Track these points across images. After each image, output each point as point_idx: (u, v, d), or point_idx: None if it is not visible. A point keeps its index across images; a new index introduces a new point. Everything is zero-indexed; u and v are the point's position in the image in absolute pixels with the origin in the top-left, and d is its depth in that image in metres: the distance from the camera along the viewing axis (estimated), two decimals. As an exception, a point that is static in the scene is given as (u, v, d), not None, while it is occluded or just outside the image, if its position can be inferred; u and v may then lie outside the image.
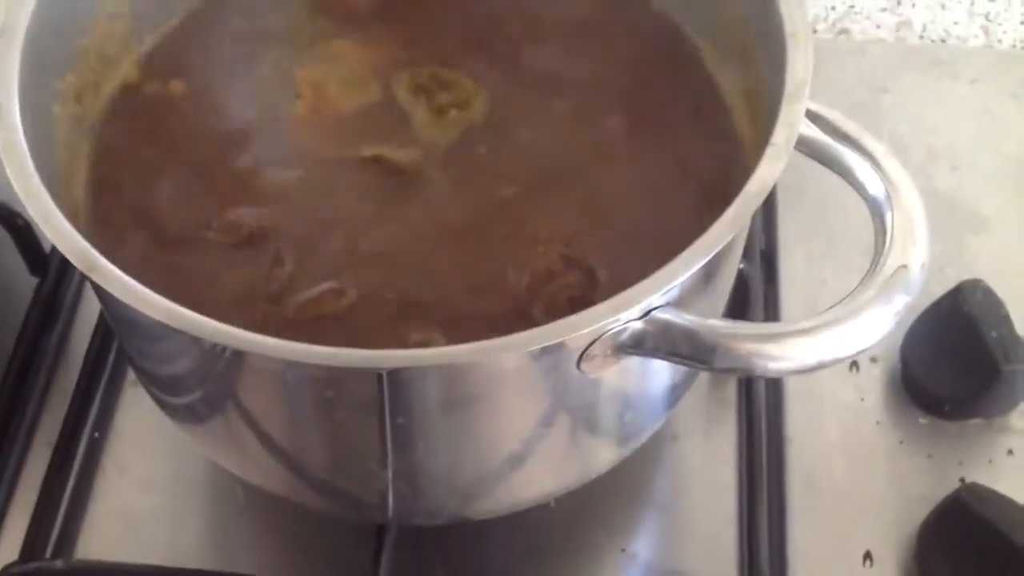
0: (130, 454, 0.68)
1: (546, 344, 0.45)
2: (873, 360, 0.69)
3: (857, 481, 0.65)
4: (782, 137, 0.48)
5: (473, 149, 0.58)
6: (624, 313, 0.45)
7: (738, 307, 0.67)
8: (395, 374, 0.46)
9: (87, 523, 0.66)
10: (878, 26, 0.88)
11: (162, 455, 0.67)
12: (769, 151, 0.48)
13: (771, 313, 0.71)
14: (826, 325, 0.46)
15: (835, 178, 0.53)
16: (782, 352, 0.46)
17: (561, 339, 0.45)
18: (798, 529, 0.64)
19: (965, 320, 0.64)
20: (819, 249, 0.74)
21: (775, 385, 0.68)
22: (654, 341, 0.47)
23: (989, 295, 0.65)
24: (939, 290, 0.68)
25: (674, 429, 0.68)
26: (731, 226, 0.46)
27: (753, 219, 0.71)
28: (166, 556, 0.63)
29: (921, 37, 0.88)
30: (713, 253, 0.46)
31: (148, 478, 0.67)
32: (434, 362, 0.45)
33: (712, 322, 0.47)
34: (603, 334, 0.46)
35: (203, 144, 0.59)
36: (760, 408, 0.67)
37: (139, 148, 0.58)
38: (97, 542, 0.65)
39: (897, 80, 0.82)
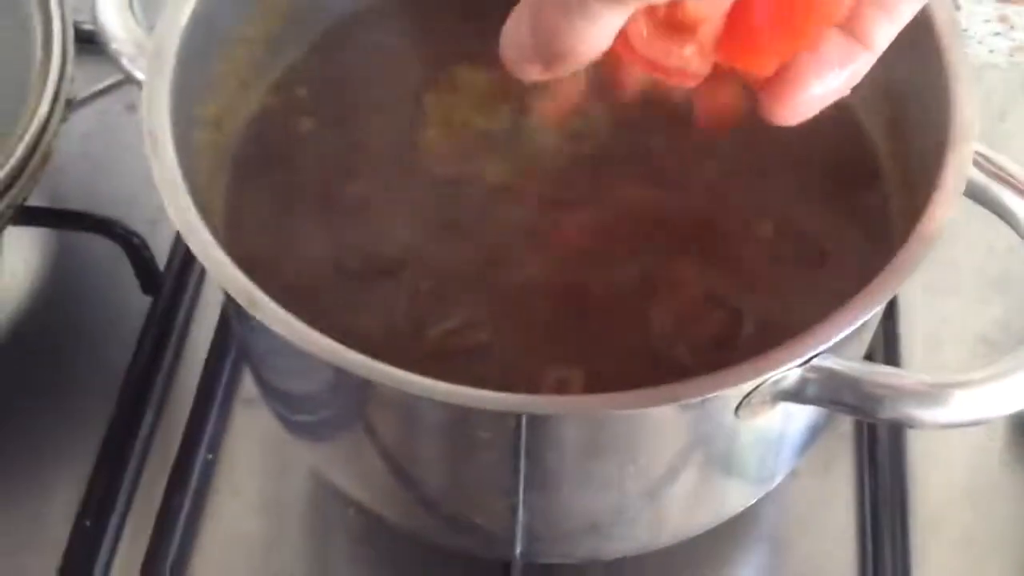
0: (242, 477, 0.67)
1: (709, 396, 0.44)
2: (999, 397, 0.68)
3: (983, 525, 0.64)
4: (951, 180, 0.47)
5: (614, 182, 0.57)
6: (791, 363, 0.44)
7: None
8: (535, 419, 0.45)
9: (200, 546, 0.65)
10: (991, 51, 0.86)
11: (275, 477, 0.67)
12: (937, 197, 0.47)
13: (891, 345, 0.70)
14: (996, 377, 0.45)
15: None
16: (949, 405, 0.45)
17: (726, 390, 0.44)
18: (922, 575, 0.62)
19: (1101, 361, 0.63)
20: (940, 280, 0.73)
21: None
22: (816, 389, 0.45)
23: None
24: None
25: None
26: (900, 275, 0.45)
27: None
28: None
29: (1036, 64, 0.86)
30: (883, 304, 0.45)
31: (260, 501, 0.67)
32: (579, 411, 0.44)
33: (877, 369, 0.46)
34: (764, 381, 0.45)
35: (334, 172, 0.58)
36: (883, 446, 0.66)
37: (272, 177, 0.57)
38: (211, 566, 0.65)
39: (1015, 107, 0.80)
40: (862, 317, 0.44)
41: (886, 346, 0.70)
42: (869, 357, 0.68)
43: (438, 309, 0.53)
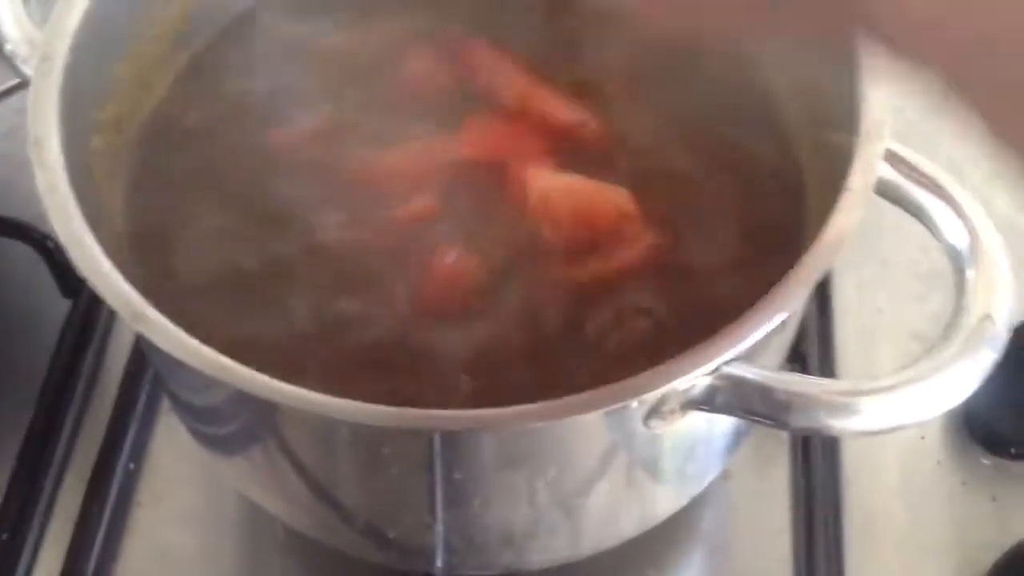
0: (166, 487, 0.66)
1: (613, 407, 0.42)
2: (934, 396, 0.67)
3: (918, 525, 0.63)
4: (859, 180, 0.46)
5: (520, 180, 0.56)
6: (696, 371, 0.43)
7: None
8: (448, 435, 0.44)
9: (122, 558, 0.64)
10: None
11: (199, 488, 0.65)
12: (846, 197, 0.46)
13: (825, 344, 0.69)
14: (908, 383, 0.44)
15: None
16: (861, 413, 0.44)
17: (629, 401, 0.43)
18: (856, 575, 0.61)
19: (1031, 359, 0.62)
20: (874, 279, 0.72)
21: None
22: (725, 398, 0.44)
23: (1057, 331, 0.63)
24: (1003, 323, 0.66)
25: (726, 468, 0.66)
26: (806, 282, 0.44)
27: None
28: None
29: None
30: (790, 310, 0.44)
31: (185, 512, 0.65)
32: (489, 425, 0.43)
33: (786, 378, 0.44)
34: (672, 392, 0.44)
35: (240, 169, 0.56)
36: (816, 447, 0.65)
37: (175, 175, 0.56)
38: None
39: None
40: (764, 325, 0.43)
41: (820, 347, 0.69)
42: (803, 359, 0.67)
43: (344, 312, 0.52)
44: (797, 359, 0.67)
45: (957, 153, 0.76)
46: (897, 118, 0.76)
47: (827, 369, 0.67)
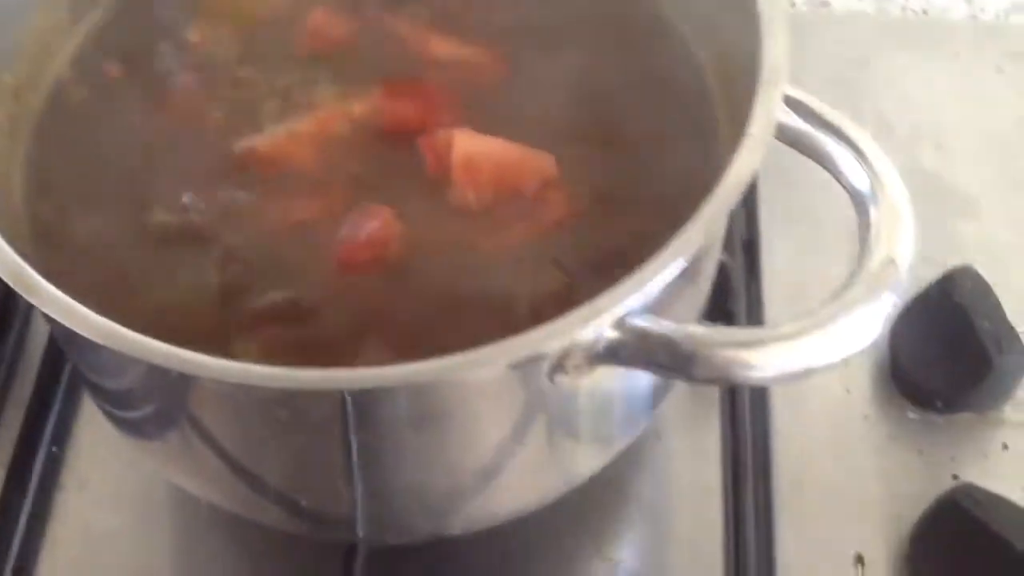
0: (91, 469, 0.65)
1: (516, 360, 0.42)
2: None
3: (846, 479, 0.63)
4: (758, 127, 0.46)
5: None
6: (594, 323, 0.42)
7: (719, 300, 0.64)
8: (358, 395, 0.43)
9: (47, 542, 0.63)
10: (858, -1, 0.86)
11: (124, 469, 0.64)
12: (746, 143, 0.45)
13: (753, 306, 0.69)
14: (811, 329, 0.44)
15: (819, 163, 0.51)
16: (764, 360, 0.43)
17: (531, 353, 0.42)
18: (786, 531, 0.61)
19: (955, 310, 0.62)
20: (803, 237, 0.72)
21: (759, 380, 0.66)
22: (630, 351, 0.44)
23: (979, 282, 0.63)
24: (927, 275, 0.66)
25: (656, 427, 0.66)
26: (705, 227, 0.43)
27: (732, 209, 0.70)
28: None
29: (903, 9, 0.85)
30: (687, 256, 0.43)
31: (110, 494, 0.64)
32: (394, 382, 0.42)
33: (690, 329, 0.44)
34: (574, 346, 0.43)
35: (142, 137, 0.56)
36: (744, 404, 0.65)
37: (77, 145, 0.55)
38: (58, 563, 0.62)
39: (878, 54, 0.79)
40: (655, 277, 0.42)
41: (748, 305, 0.69)
42: (730, 316, 0.67)
43: (248, 277, 0.52)
44: (724, 317, 0.66)
45: (885, 105, 0.77)
46: (823, 75, 0.78)
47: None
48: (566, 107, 0.57)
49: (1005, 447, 0.63)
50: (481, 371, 0.42)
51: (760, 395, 0.65)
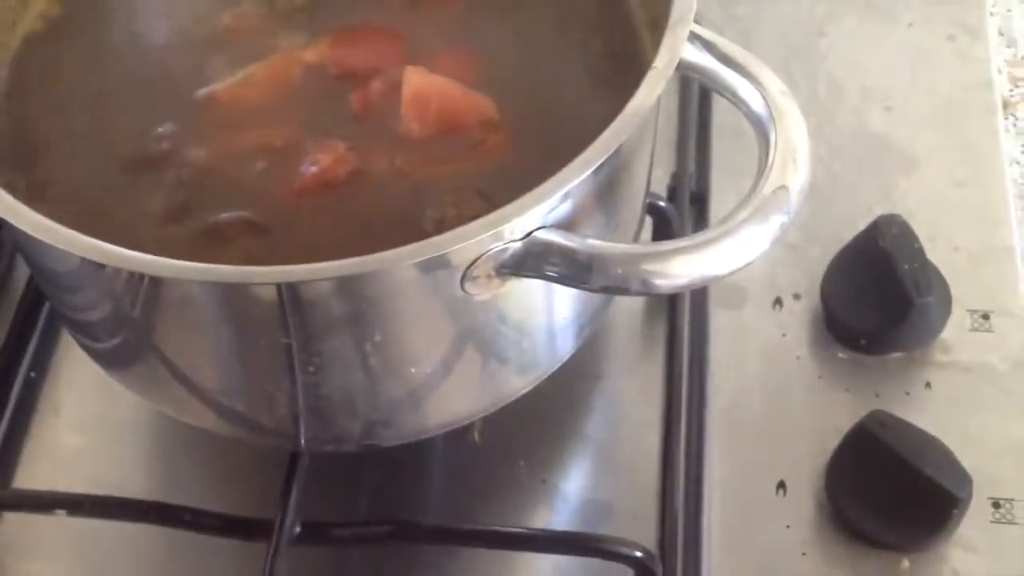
0: (66, 394, 0.69)
1: (421, 258, 0.46)
2: (796, 297, 0.70)
3: (774, 415, 0.66)
4: (663, 60, 0.49)
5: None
6: (501, 229, 0.46)
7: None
8: (288, 289, 0.47)
9: (22, 461, 0.67)
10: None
11: (98, 394, 0.69)
12: (650, 74, 0.49)
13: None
14: (702, 244, 0.47)
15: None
16: (660, 269, 0.47)
17: (437, 254, 0.46)
18: (715, 461, 0.65)
19: (880, 254, 0.65)
20: (749, 186, 0.74)
21: (700, 321, 0.69)
22: (534, 261, 0.47)
23: (904, 229, 0.66)
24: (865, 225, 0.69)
25: (605, 368, 0.69)
26: (605, 144, 0.47)
27: (683, 159, 0.73)
28: (99, 490, 0.64)
29: (864, -18, 0.88)
30: (588, 170, 0.47)
31: (84, 417, 0.69)
32: (318, 276, 0.46)
33: (591, 241, 0.48)
34: (484, 252, 0.47)
35: (111, 82, 0.60)
36: (683, 343, 0.68)
37: (53, 79, 0.59)
38: (32, 479, 0.66)
39: (835, 23, 0.82)
40: (554, 191, 0.46)
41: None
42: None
43: (206, 198, 0.56)
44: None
45: (837, 71, 0.80)
46: (780, 42, 0.81)
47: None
48: (508, 54, 0.61)
49: (928, 385, 0.66)
50: (393, 268, 0.46)
51: (699, 337, 0.69)
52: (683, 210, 0.71)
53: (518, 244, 0.47)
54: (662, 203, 0.69)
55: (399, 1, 0.62)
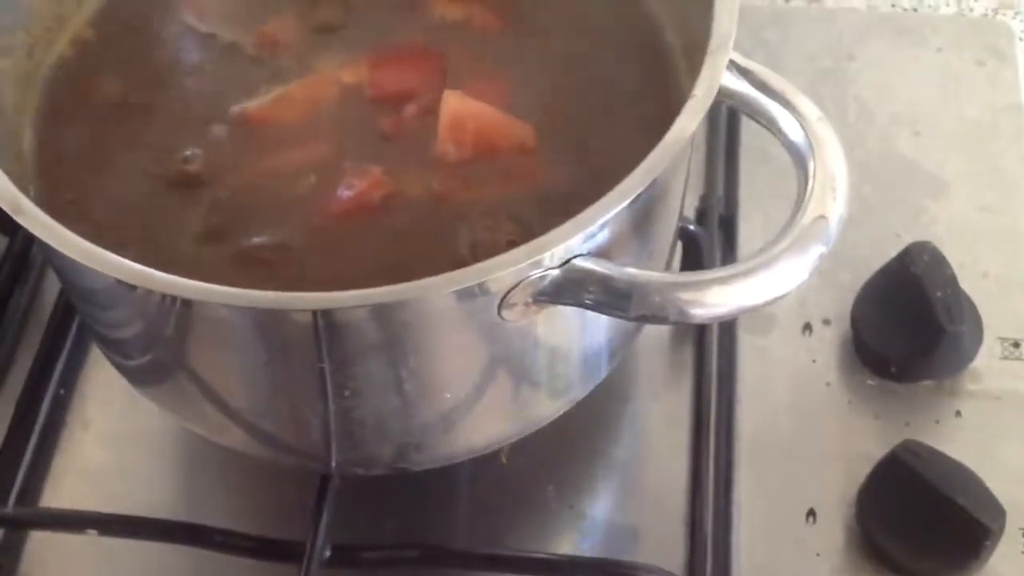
0: (95, 411, 0.69)
1: (460, 287, 0.46)
2: (826, 323, 0.70)
3: (804, 441, 0.66)
4: (703, 88, 0.49)
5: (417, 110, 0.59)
6: (540, 257, 0.46)
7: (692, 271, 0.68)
8: (324, 315, 0.47)
9: (51, 477, 0.67)
10: (851, -6, 0.89)
11: (126, 411, 0.69)
12: (690, 103, 0.49)
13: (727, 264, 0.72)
14: (741, 274, 0.47)
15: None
16: (697, 298, 0.47)
17: (476, 282, 0.46)
18: (744, 487, 0.64)
19: (911, 281, 0.65)
20: (781, 215, 0.74)
21: (728, 346, 0.69)
22: (572, 289, 0.47)
23: (936, 256, 0.66)
24: (895, 253, 0.69)
25: (632, 391, 0.69)
26: (645, 174, 0.47)
27: (712, 183, 0.73)
28: (127, 508, 0.64)
29: (892, 5, 0.88)
30: (628, 200, 0.47)
31: (112, 434, 0.69)
32: (356, 303, 0.46)
33: (629, 270, 0.47)
34: (522, 280, 0.47)
35: (147, 97, 0.60)
36: (711, 368, 0.68)
37: (87, 98, 0.60)
38: (60, 495, 0.66)
39: (864, 47, 0.82)
40: (596, 219, 0.46)
41: (724, 262, 0.71)
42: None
43: (240, 220, 0.56)
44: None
45: (867, 94, 0.80)
46: (810, 66, 0.81)
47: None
48: (542, 78, 0.61)
49: (958, 414, 0.66)
50: (431, 296, 0.46)
51: (728, 361, 0.69)
52: (712, 233, 0.71)
53: (556, 272, 0.47)
54: (692, 227, 0.69)
55: (436, 21, 0.62)
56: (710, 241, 0.71)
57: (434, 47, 0.61)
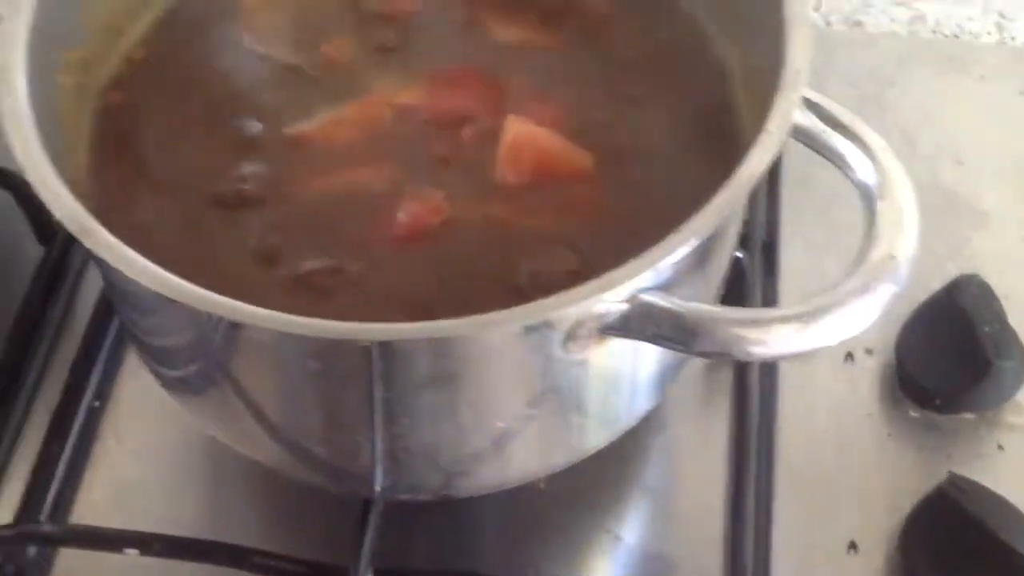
0: (129, 423, 0.69)
1: (531, 322, 0.45)
2: (868, 352, 0.70)
3: (845, 471, 0.65)
4: (776, 124, 0.48)
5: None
6: (609, 294, 0.46)
7: (735, 297, 0.67)
8: (384, 346, 0.47)
9: (83, 490, 0.67)
10: (892, 20, 0.88)
11: (161, 425, 0.68)
12: (762, 138, 0.48)
13: (769, 304, 0.71)
14: (810, 313, 0.47)
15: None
16: (764, 338, 0.46)
17: (546, 317, 0.45)
18: (784, 517, 0.64)
19: (959, 314, 0.65)
20: (821, 240, 0.74)
21: (769, 374, 0.69)
22: (639, 323, 0.47)
23: (984, 289, 0.65)
24: (939, 284, 0.68)
25: (668, 416, 0.69)
26: (718, 212, 0.46)
27: (754, 208, 0.73)
28: (159, 524, 0.63)
29: (934, 32, 0.88)
30: (700, 239, 0.46)
31: (145, 447, 0.68)
32: (421, 335, 0.46)
33: (696, 305, 0.47)
34: (589, 315, 0.46)
35: (205, 113, 0.60)
36: (753, 397, 0.67)
37: (143, 116, 0.59)
38: (93, 509, 0.66)
39: (906, 73, 0.82)
40: (668, 255, 0.46)
41: (764, 301, 0.71)
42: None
43: (295, 242, 0.55)
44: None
45: (909, 122, 0.79)
46: (852, 91, 0.80)
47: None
48: (602, 105, 0.60)
49: (1001, 448, 0.66)
50: (498, 331, 0.45)
51: (769, 389, 0.68)
52: (754, 259, 0.71)
53: (623, 306, 0.47)
54: (737, 253, 0.68)
55: (493, 43, 0.62)
56: (752, 266, 0.70)
57: (491, 69, 0.61)
